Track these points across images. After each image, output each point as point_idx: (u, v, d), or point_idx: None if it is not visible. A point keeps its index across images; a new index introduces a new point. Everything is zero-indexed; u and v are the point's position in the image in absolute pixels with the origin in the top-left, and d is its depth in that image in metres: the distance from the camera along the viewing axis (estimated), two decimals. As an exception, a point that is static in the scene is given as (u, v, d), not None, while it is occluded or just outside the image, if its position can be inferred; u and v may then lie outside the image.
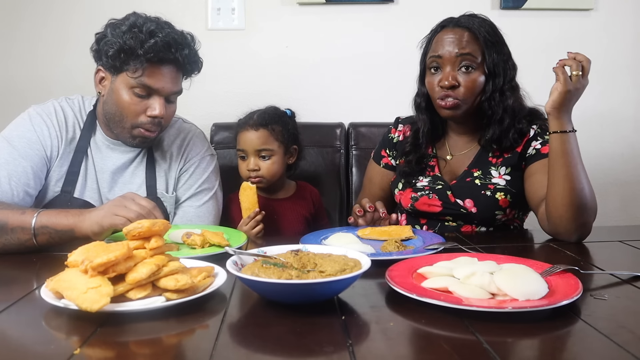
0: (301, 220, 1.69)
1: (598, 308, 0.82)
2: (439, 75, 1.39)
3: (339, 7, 2.15)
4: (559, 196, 1.22)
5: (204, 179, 1.51)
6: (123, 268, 0.80)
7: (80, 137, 1.41)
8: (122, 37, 1.29)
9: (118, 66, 1.31)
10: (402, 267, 0.95)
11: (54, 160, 1.38)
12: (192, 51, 1.38)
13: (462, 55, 1.37)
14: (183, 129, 1.54)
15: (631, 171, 2.26)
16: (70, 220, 1.17)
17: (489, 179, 1.41)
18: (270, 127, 1.61)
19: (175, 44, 1.32)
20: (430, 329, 0.75)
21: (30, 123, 1.37)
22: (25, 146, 1.34)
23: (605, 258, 1.15)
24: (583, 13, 2.19)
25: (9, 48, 2.12)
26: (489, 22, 1.43)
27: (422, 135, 1.50)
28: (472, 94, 1.38)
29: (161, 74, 1.32)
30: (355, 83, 2.17)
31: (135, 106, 1.33)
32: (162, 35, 1.30)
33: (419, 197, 1.45)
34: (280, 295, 0.83)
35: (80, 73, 2.07)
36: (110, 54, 1.30)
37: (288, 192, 1.72)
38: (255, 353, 0.69)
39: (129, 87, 1.32)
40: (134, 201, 1.16)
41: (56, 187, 1.38)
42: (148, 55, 1.28)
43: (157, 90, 1.33)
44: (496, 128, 1.40)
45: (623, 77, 2.24)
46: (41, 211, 1.19)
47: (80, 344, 0.69)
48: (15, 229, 1.16)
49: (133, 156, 1.45)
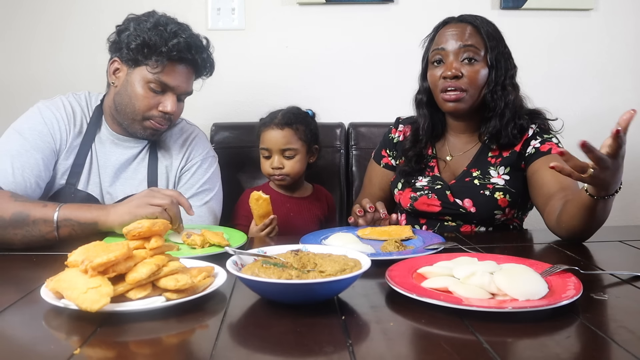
0: (315, 221, 1.72)
1: (598, 308, 0.82)
2: (442, 67, 1.40)
3: (339, 7, 2.15)
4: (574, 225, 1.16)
5: (205, 180, 1.53)
6: (123, 268, 0.80)
7: (86, 131, 1.44)
8: (147, 33, 1.35)
9: (139, 59, 1.36)
10: (402, 267, 0.95)
11: (62, 153, 1.40)
12: (208, 55, 1.45)
13: (466, 46, 1.38)
14: (186, 129, 1.57)
15: (631, 171, 2.24)
16: (93, 213, 1.19)
17: (488, 178, 1.42)
18: (295, 126, 1.64)
19: (195, 46, 1.39)
20: (430, 329, 0.74)
21: (41, 116, 1.39)
22: (36, 138, 1.36)
23: (605, 258, 1.15)
24: (583, 13, 2.19)
25: (1, 47, 2.11)
26: (491, 22, 1.45)
27: (422, 130, 1.50)
28: (475, 86, 1.39)
29: (178, 72, 1.38)
30: (355, 83, 2.17)
31: (149, 100, 1.38)
32: (185, 36, 1.37)
33: (418, 197, 1.45)
34: (280, 295, 0.83)
35: (72, 72, 2.08)
36: (133, 47, 1.35)
37: (305, 192, 1.76)
38: (255, 353, 0.69)
39: (146, 81, 1.37)
40: (160, 192, 1.19)
41: (62, 179, 1.40)
42: (171, 53, 1.34)
43: (172, 87, 1.38)
44: (497, 122, 1.40)
45: (623, 77, 2.24)
46: (63, 205, 1.20)
47: (80, 344, 0.69)
48: (38, 221, 1.17)
49: (136, 152, 1.47)
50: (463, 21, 1.43)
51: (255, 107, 1.74)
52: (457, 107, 1.40)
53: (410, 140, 1.53)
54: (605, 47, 2.21)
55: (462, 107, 1.40)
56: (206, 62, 1.44)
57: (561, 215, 1.21)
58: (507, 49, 1.45)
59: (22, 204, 1.19)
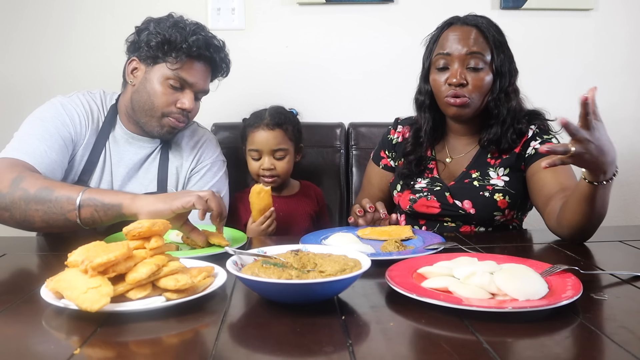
0: (307, 218, 1.71)
1: (598, 308, 0.82)
2: (447, 73, 1.39)
3: (339, 7, 2.15)
4: (575, 220, 1.16)
5: (214, 183, 1.55)
6: (123, 268, 0.80)
7: (101, 129, 1.45)
8: (167, 31, 1.38)
9: (158, 57, 1.39)
10: (402, 267, 0.95)
11: (79, 147, 1.41)
12: (225, 55, 1.49)
13: (472, 53, 1.36)
14: (198, 131, 1.60)
15: (631, 171, 2.26)
16: (119, 196, 1.17)
17: (488, 180, 1.41)
18: (285, 126, 1.64)
19: (213, 45, 1.43)
20: (430, 329, 0.74)
21: (62, 107, 1.41)
22: (59, 126, 1.37)
23: (605, 258, 1.15)
24: (583, 13, 2.19)
25: (8, 48, 2.12)
26: (494, 23, 1.43)
27: (425, 133, 1.49)
28: (480, 93, 1.38)
29: (197, 70, 1.41)
30: (356, 83, 2.17)
31: (168, 97, 1.40)
32: (204, 34, 1.41)
33: (417, 199, 1.45)
34: (280, 295, 0.83)
35: (81, 73, 2.08)
36: (153, 44, 1.38)
37: (292, 190, 1.75)
38: (255, 353, 0.69)
39: (165, 78, 1.39)
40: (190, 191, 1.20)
41: (74, 175, 1.41)
42: (191, 50, 1.38)
43: (190, 84, 1.41)
44: (498, 129, 1.40)
45: (623, 77, 2.24)
46: (89, 188, 1.21)
47: (80, 344, 0.69)
48: (61, 197, 1.16)
49: (149, 152, 1.49)
50: (469, 24, 1.40)
51: (255, 107, 1.73)
52: (460, 112, 1.40)
53: (412, 143, 1.52)
54: (604, 47, 2.21)
55: (466, 112, 1.40)
56: (223, 61, 1.48)
57: (561, 213, 1.21)
58: (510, 52, 1.43)
59: (50, 181, 1.21)
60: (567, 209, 1.18)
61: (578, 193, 1.12)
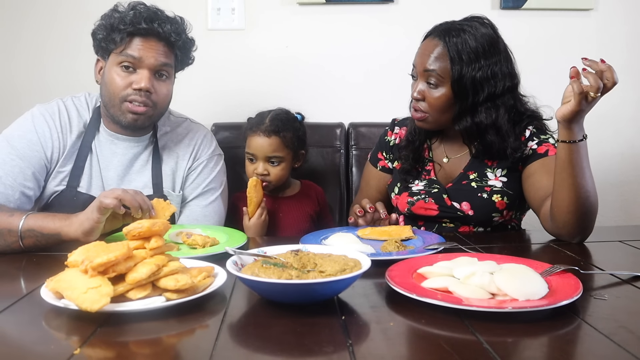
0: (306, 219, 1.70)
1: (598, 308, 0.82)
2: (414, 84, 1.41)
3: (339, 7, 2.14)
4: (564, 203, 1.19)
5: (212, 179, 1.52)
6: (123, 268, 0.80)
7: (85, 133, 1.42)
8: (107, 19, 1.37)
9: (107, 47, 1.37)
10: (402, 267, 0.95)
11: (56, 162, 1.38)
12: (178, 27, 1.41)
13: (428, 71, 1.35)
14: (191, 128, 1.56)
15: (631, 171, 2.25)
16: (56, 224, 1.16)
17: (485, 181, 1.41)
18: (282, 134, 1.60)
19: (155, 16, 1.37)
20: (430, 329, 0.75)
21: (32, 124, 1.37)
22: (24, 147, 1.34)
23: (605, 258, 1.15)
24: (583, 13, 2.19)
25: (13, 50, 2.11)
26: (479, 34, 1.34)
27: (415, 133, 1.49)
28: (435, 110, 1.37)
29: (144, 45, 1.36)
30: (356, 83, 2.17)
31: (122, 80, 1.36)
32: (141, 8, 1.37)
33: (415, 202, 1.44)
34: (280, 295, 0.83)
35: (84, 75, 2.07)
36: (100, 37, 1.37)
37: (293, 190, 1.74)
38: (255, 353, 0.69)
39: (117, 63, 1.37)
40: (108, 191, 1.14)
41: (60, 185, 1.38)
42: (132, 26, 1.34)
43: (141, 60, 1.35)
44: (478, 144, 1.40)
45: (623, 77, 2.20)
46: (29, 214, 1.19)
47: (80, 344, 0.69)
48: (2, 230, 1.16)
49: (137, 152, 1.45)
50: (439, 37, 1.35)
51: (255, 107, 1.73)
52: (422, 125, 1.41)
53: (406, 138, 1.53)
54: (605, 47, 2.20)
55: (427, 126, 1.41)
56: (175, 32, 1.38)
57: (552, 208, 1.23)
58: (493, 67, 1.33)
59: None
60: (553, 196, 1.22)
61: (557, 165, 1.19)
